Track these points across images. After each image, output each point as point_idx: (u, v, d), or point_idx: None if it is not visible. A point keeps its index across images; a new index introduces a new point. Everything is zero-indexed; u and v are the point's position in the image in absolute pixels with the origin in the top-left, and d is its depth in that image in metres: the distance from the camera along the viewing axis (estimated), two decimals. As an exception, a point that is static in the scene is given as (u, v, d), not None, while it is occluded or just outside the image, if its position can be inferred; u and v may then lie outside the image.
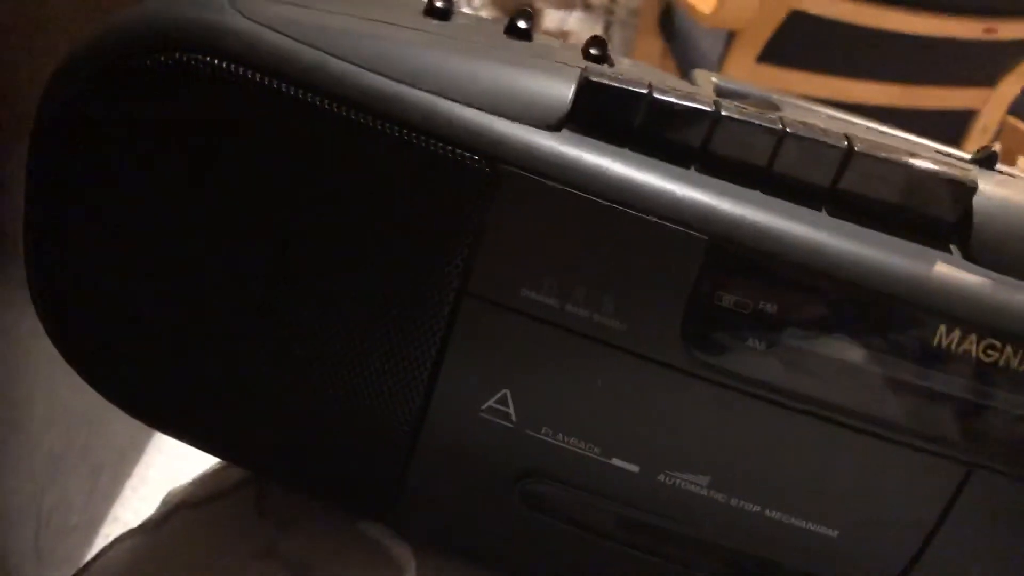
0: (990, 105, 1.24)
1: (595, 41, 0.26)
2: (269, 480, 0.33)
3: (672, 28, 1.48)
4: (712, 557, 0.26)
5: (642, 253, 0.23)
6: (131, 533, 0.35)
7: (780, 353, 0.23)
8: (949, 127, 1.26)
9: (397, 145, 0.23)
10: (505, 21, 0.27)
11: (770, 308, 0.23)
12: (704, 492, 0.25)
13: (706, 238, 0.22)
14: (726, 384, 0.24)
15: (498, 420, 0.25)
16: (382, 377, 0.25)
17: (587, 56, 0.26)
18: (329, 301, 0.24)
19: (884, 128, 0.29)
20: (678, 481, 0.25)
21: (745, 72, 1.18)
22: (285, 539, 0.32)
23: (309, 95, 0.23)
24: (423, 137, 0.23)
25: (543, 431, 0.25)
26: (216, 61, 0.23)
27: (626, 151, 0.23)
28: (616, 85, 0.23)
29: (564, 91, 0.23)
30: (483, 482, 0.26)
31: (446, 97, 0.23)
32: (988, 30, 1.12)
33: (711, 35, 1.35)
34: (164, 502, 0.36)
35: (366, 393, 0.25)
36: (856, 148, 0.23)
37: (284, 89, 0.23)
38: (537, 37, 0.26)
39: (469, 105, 0.23)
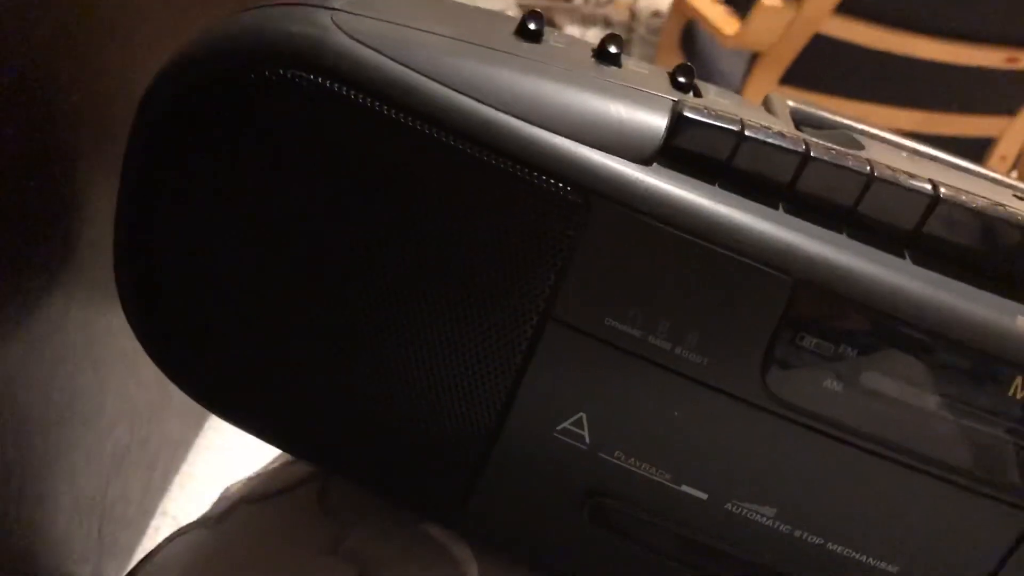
0: (1010, 134, 1.25)
1: (683, 69, 0.26)
2: (340, 476, 0.33)
3: (693, 47, 1.48)
4: None
5: (728, 290, 0.23)
6: (191, 527, 0.36)
7: (856, 394, 0.24)
8: (968, 155, 1.27)
9: (493, 172, 0.23)
10: (595, 44, 0.27)
11: (850, 351, 0.23)
12: (769, 523, 0.25)
13: (791, 279, 0.23)
14: (801, 422, 0.24)
15: (572, 441, 0.25)
16: (462, 391, 0.26)
17: (675, 83, 0.26)
18: (417, 317, 0.25)
19: (965, 163, 0.30)
20: (745, 511, 0.25)
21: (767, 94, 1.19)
22: (349, 537, 0.32)
23: (407, 118, 0.23)
24: (519, 165, 0.23)
25: (616, 455, 0.25)
26: (318, 79, 0.23)
27: (716, 188, 0.23)
28: (709, 121, 0.23)
29: (657, 125, 0.23)
30: (552, 497, 0.27)
31: (543, 127, 0.23)
32: (1010, 59, 1.13)
33: (733, 56, 1.36)
34: (223, 497, 0.37)
35: (445, 405, 0.26)
36: (942, 194, 0.23)
37: (383, 110, 0.23)
38: (626, 62, 0.27)
39: (565, 135, 0.23)
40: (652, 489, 0.26)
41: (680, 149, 0.23)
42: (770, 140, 0.23)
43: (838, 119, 0.30)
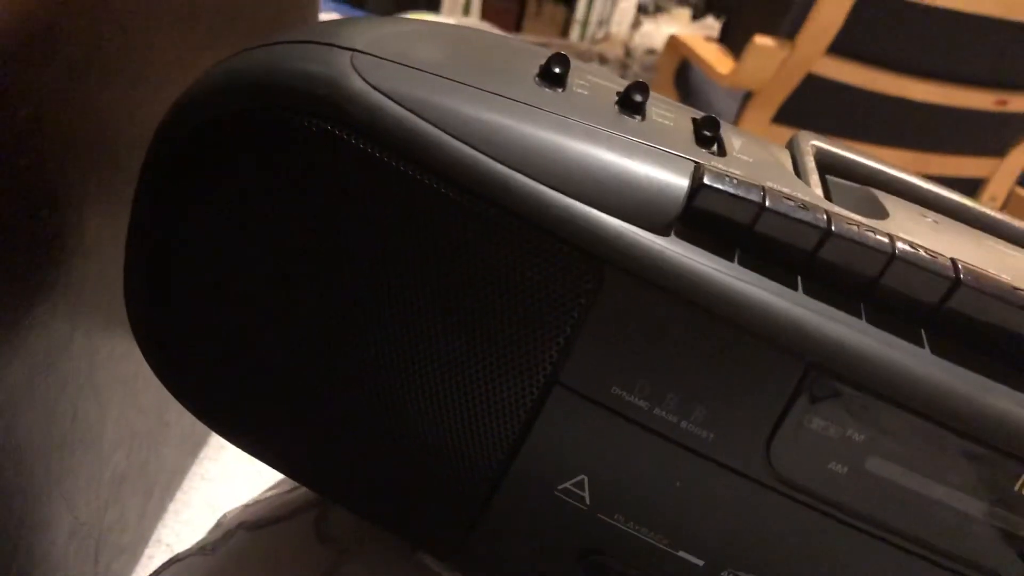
0: (999, 175, 1.27)
1: (708, 122, 0.26)
2: (339, 506, 0.33)
3: (688, 85, 1.50)
4: None
5: (738, 367, 0.23)
6: (187, 554, 0.36)
7: (860, 478, 0.23)
8: (958, 194, 1.28)
9: (506, 233, 0.23)
10: (620, 90, 0.27)
11: (858, 436, 0.23)
12: None
13: (803, 362, 0.22)
14: (803, 501, 0.24)
15: (572, 501, 0.25)
16: (465, 442, 0.26)
17: (699, 137, 0.26)
18: (426, 363, 0.25)
19: (993, 215, 0.29)
20: None
21: (760, 133, 1.21)
22: (345, 565, 0.33)
23: (421, 174, 0.23)
24: (533, 228, 0.23)
25: (615, 517, 0.25)
26: (334, 128, 0.23)
27: (734, 263, 0.23)
28: (729, 191, 0.23)
29: (677, 191, 0.23)
30: (549, 549, 0.27)
31: (559, 190, 0.23)
32: (1000, 102, 1.14)
33: (727, 94, 1.38)
34: (219, 524, 0.37)
35: (448, 452, 0.26)
36: (963, 278, 0.23)
37: (397, 165, 0.23)
38: (651, 108, 0.26)
39: (582, 200, 0.23)
40: (649, 552, 0.26)
41: (699, 215, 0.23)
42: (792, 214, 0.23)
43: (864, 162, 0.30)
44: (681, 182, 0.23)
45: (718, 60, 1.27)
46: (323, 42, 0.25)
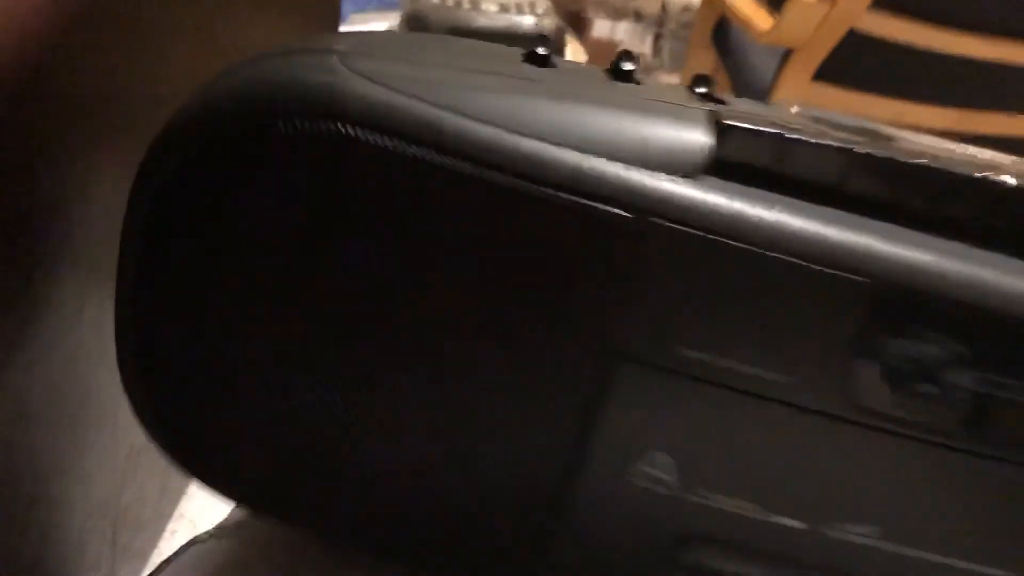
0: (1053, 133, 1.23)
1: (700, 79, 0.25)
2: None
3: (726, 43, 1.47)
4: None
5: (803, 301, 0.22)
6: (207, 535, 0.35)
7: (948, 394, 0.22)
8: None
9: (540, 206, 0.22)
10: (606, 65, 0.26)
11: (936, 349, 0.22)
12: (873, 543, 0.24)
13: (868, 281, 0.22)
14: (894, 431, 0.23)
15: (651, 485, 0.24)
16: (524, 449, 0.24)
17: (697, 94, 0.25)
18: (467, 373, 0.23)
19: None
20: (846, 534, 0.24)
21: (800, 91, 1.18)
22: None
23: (446, 158, 0.22)
24: (567, 195, 0.22)
25: (700, 492, 0.24)
26: (344, 128, 0.22)
27: (772, 195, 0.22)
28: (750, 127, 0.22)
29: (698, 137, 0.22)
30: (635, 550, 0.25)
31: (587, 152, 0.22)
32: (1054, 57, 1.11)
33: (766, 51, 1.35)
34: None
35: (505, 467, 0.24)
36: (1011, 184, 0.22)
37: (418, 153, 0.22)
38: (641, 78, 0.26)
39: (610, 158, 0.22)
40: (744, 525, 0.24)
41: (724, 160, 0.22)
42: (815, 140, 0.22)
43: (852, 119, 0.29)
44: (702, 128, 0.22)
45: (756, 16, 1.24)
46: (307, 49, 0.23)
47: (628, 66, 0.25)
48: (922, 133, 0.29)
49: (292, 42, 0.24)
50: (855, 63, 1.19)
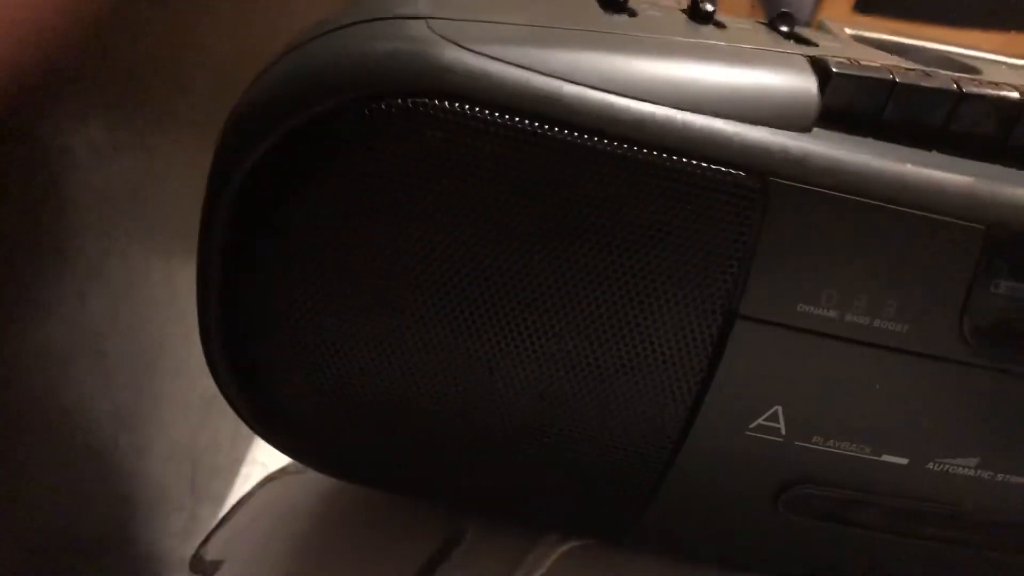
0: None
1: (784, 17, 0.25)
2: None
3: (762, -23, 1.44)
4: (976, 531, 0.26)
5: (920, 251, 0.22)
6: (280, 473, 0.37)
7: None
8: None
9: (656, 171, 0.21)
10: (684, 6, 0.25)
11: None
12: (972, 473, 0.25)
13: (983, 227, 0.22)
14: (1002, 369, 0.23)
15: (766, 436, 0.24)
16: (639, 410, 0.24)
17: (784, 34, 0.25)
18: (585, 337, 0.23)
19: None
20: (946, 467, 0.25)
21: (840, 21, 1.15)
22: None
23: (552, 129, 0.21)
24: (683, 159, 0.21)
25: (813, 440, 0.25)
26: (443, 103, 0.21)
27: (882, 144, 0.22)
28: (860, 74, 0.22)
29: (807, 88, 0.22)
30: (740, 495, 0.26)
31: (697, 111, 0.21)
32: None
33: (804, -16, 1.32)
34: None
35: (619, 428, 0.24)
36: None
37: (521, 124, 0.21)
38: (725, 19, 0.25)
39: (723, 116, 0.21)
40: (852, 466, 0.25)
41: (835, 101, 0.22)
42: (923, 84, 0.22)
43: (901, 41, 0.29)
44: (807, 76, 0.22)
45: (793, -52, 1.21)
46: (388, 16, 0.22)
47: (708, 7, 0.25)
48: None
49: (359, 6, 0.23)
50: (896, -9, 1.16)
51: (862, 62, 0.22)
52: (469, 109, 0.21)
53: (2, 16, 0.23)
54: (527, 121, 0.21)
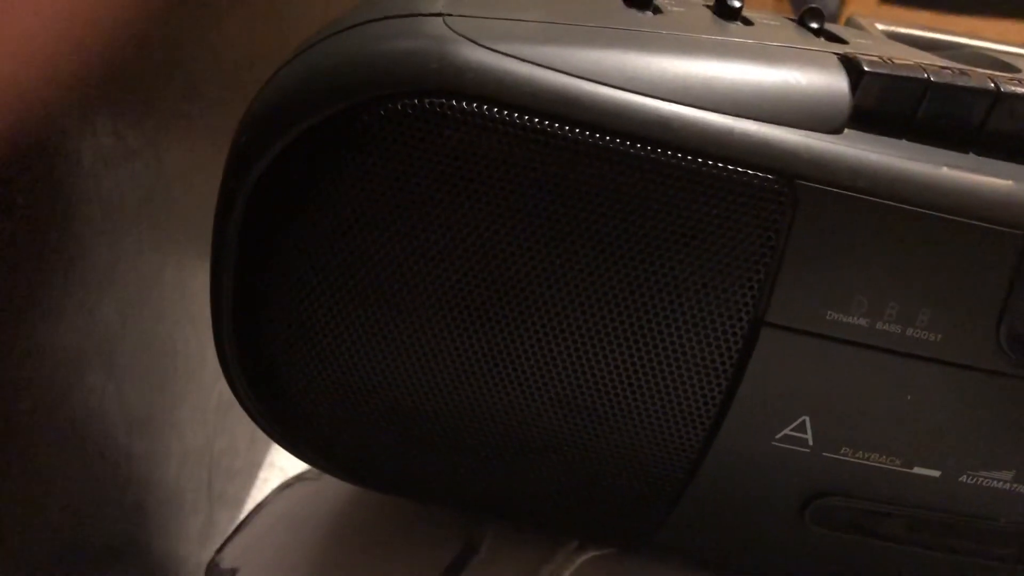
0: None
1: (813, 13, 0.24)
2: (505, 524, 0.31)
3: (787, -31, 1.43)
4: (1006, 543, 0.26)
5: (956, 258, 0.21)
6: (297, 479, 0.37)
7: None
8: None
9: (680, 173, 0.20)
10: (710, 3, 0.25)
11: None
12: (1008, 486, 0.24)
13: (1021, 232, 0.21)
14: None
15: (793, 447, 0.24)
16: (662, 418, 0.24)
17: (812, 31, 0.24)
18: (606, 344, 0.22)
19: None
20: (981, 479, 0.24)
21: (867, 14, 1.14)
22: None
23: (576, 131, 0.20)
24: (709, 161, 0.20)
25: (842, 451, 0.24)
26: (464, 104, 0.20)
27: (915, 146, 0.21)
28: (893, 73, 0.21)
29: (838, 87, 0.21)
30: (766, 505, 0.25)
31: (724, 112, 0.21)
32: None
33: (830, -25, 1.31)
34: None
35: (641, 436, 0.24)
36: None
37: (544, 127, 0.20)
38: (752, 15, 0.24)
39: (751, 118, 0.21)
40: (881, 478, 0.24)
41: (867, 102, 0.21)
42: (959, 83, 0.21)
43: (935, 36, 0.28)
44: (838, 76, 0.21)
45: (819, -61, 1.20)
46: (404, 14, 0.22)
47: (735, 3, 0.24)
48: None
49: (370, 3, 0.23)
50: (924, -19, 1.14)
51: (895, 60, 0.22)
52: (488, 109, 0.20)
53: (9, 23, 0.23)
54: (547, 122, 0.20)
